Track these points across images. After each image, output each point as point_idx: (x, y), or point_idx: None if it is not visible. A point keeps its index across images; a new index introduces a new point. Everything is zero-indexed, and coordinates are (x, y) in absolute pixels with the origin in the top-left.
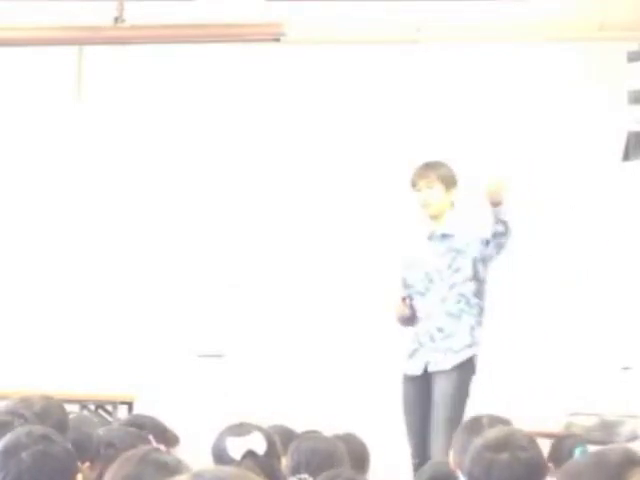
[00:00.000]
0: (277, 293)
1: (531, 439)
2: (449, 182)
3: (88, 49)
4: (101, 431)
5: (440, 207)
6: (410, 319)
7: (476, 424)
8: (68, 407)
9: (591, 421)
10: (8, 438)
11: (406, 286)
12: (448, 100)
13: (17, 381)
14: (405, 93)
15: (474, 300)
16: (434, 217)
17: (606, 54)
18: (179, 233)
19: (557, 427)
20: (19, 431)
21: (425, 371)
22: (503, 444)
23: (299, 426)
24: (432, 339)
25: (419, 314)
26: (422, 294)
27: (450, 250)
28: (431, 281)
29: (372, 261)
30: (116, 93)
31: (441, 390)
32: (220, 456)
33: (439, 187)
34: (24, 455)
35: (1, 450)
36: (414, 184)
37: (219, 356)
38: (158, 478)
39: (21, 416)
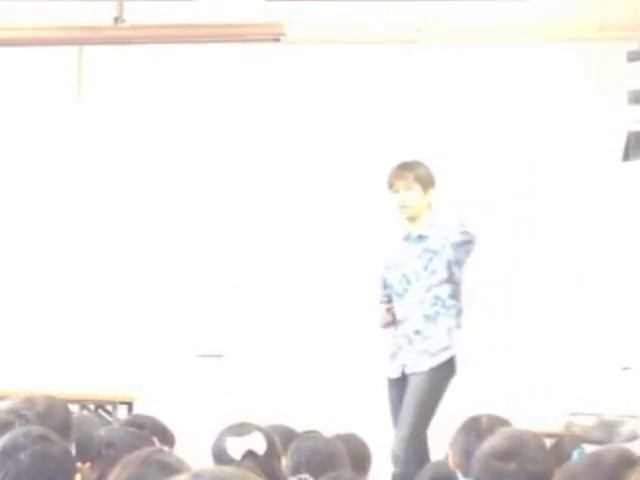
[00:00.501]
0: (277, 293)
1: (541, 447)
2: (427, 183)
3: (88, 49)
4: (102, 431)
5: (418, 209)
6: (391, 324)
7: (475, 424)
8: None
9: (591, 421)
10: (6, 439)
11: (386, 286)
12: (448, 100)
13: (17, 381)
14: (405, 93)
15: (450, 302)
16: (412, 219)
17: (606, 54)
18: (179, 233)
19: (557, 427)
20: (17, 432)
21: (403, 374)
22: (512, 454)
23: (299, 426)
24: (410, 342)
25: (398, 316)
26: (400, 295)
27: (426, 251)
28: (409, 282)
29: (372, 261)
30: (116, 93)
31: (411, 389)
32: (220, 456)
33: (417, 188)
34: (22, 456)
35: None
36: (391, 185)
37: (219, 356)
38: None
39: (23, 416)
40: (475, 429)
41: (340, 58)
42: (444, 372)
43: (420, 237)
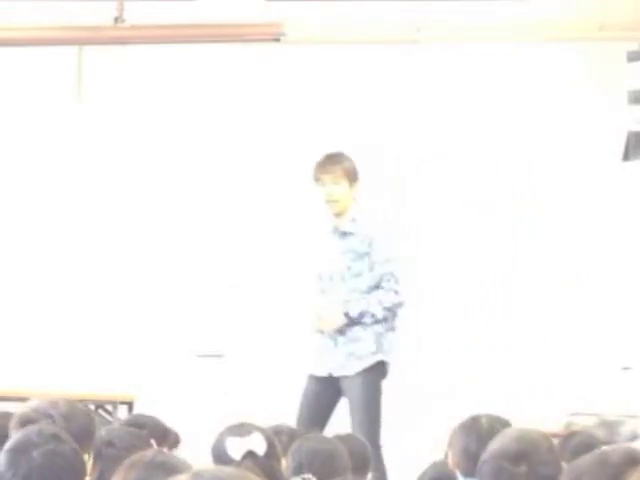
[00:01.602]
0: (277, 293)
1: (551, 449)
2: (353, 177)
3: (88, 49)
4: (102, 431)
5: (345, 203)
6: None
7: (475, 424)
8: None
9: (591, 421)
10: (19, 436)
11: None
12: (448, 100)
13: (17, 381)
14: (405, 93)
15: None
16: (338, 214)
17: (606, 54)
18: (179, 233)
19: (557, 427)
20: (30, 429)
21: (330, 375)
22: (523, 455)
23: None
24: (336, 344)
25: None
26: (324, 291)
27: (349, 251)
28: (331, 280)
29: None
30: (116, 93)
31: (352, 397)
32: (220, 456)
33: (344, 182)
34: (35, 454)
35: (12, 448)
36: (317, 179)
37: (219, 356)
38: None
39: (50, 416)
40: (475, 429)
41: (340, 58)
42: (375, 375)
43: (344, 233)
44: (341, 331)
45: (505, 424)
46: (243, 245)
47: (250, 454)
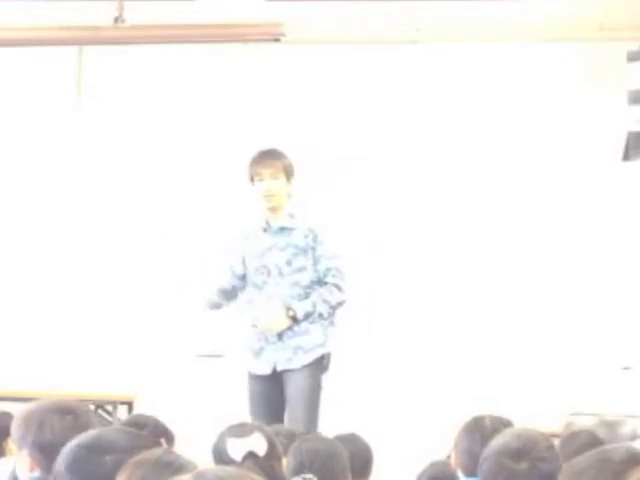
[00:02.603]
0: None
1: (550, 446)
2: (290, 172)
3: (88, 49)
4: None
5: (282, 199)
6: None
7: (479, 425)
8: None
9: (591, 421)
10: (91, 437)
11: (235, 275)
12: (448, 100)
13: (18, 381)
14: (405, 93)
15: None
16: (273, 209)
17: (606, 54)
18: (179, 233)
19: (557, 427)
20: (104, 432)
21: (274, 370)
22: (523, 453)
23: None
24: (280, 338)
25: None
26: (259, 287)
27: (289, 246)
28: (269, 275)
29: (373, 261)
30: (116, 93)
31: (294, 387)
32: (221, 457)
33: (282, 178)
34: (107, 459)
35: (85, 444)
36: (256, 174)
37: (219, 356)
38: None
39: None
40: (479, 429)
41: (340, 58)
42: (319, 368)
43: (282, 229)
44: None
45: (507, 424)
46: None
47: (251, 455)
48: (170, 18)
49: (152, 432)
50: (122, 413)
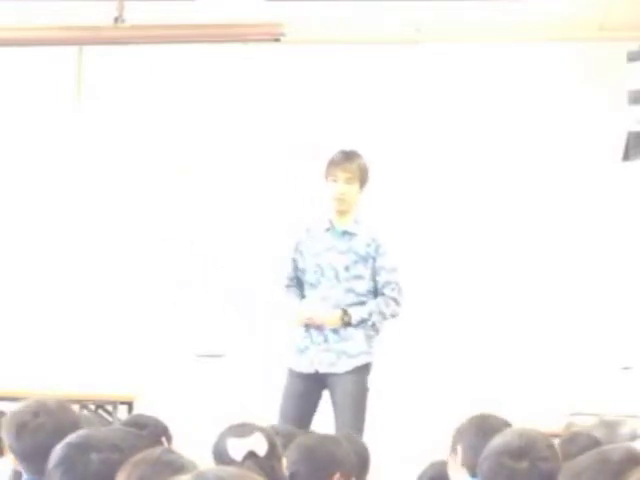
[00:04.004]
0: (277, 293)
1: (550, 446)
2: (365, 179)
3: (88, 49)
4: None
5: (352, 203)
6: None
7: (485, 422)
8: None
9: (591, 421)
10: (79, 436)
11: (297, 269)
12: (448, 100)
13: (18, 381)
14: (405, 93)
15: None
16: (342, 212)
17: (606, 54)
18: (179, 233)
19: (557, 427)
20: (92, 432)
21: (316, 371)
22: (524, 452)
23: None
24: (326, 340)
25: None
26: (313, 286)
27: (350, 251)
28: (322, 275)
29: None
30: (116, 93)
31: (342, 392)
32: (221, 457)
33: (356, 183)
34: (94, 457)
35: (73, 443)
36: (332, 175)
37: (219, 356)
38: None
39: (37, 413)
40: (484, 427)
41: (340, 58)
42: (364, 374)
43: (345, 232)
44: (335, 329)
45: (507, 425)
46: (243, 246)
47: (251, 454)
48: (170, 18)
49: (152, 432)
50: (122, 413)
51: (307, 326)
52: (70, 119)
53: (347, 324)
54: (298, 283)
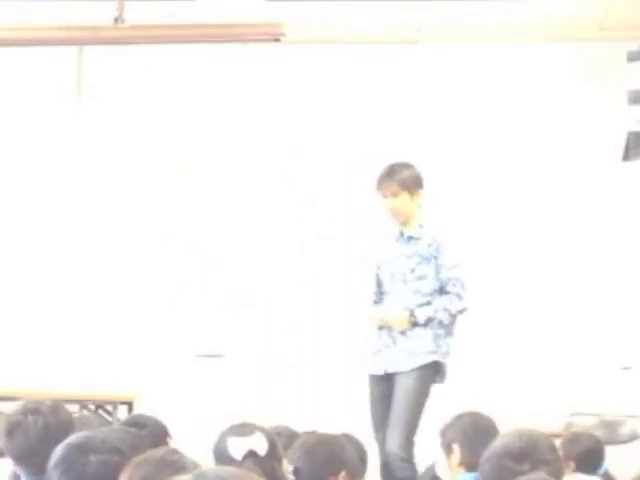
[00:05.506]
0: (277, 293)
1: (552, 448)
2: (413, 186)
3: (88, 49)
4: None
5: (407, 213)
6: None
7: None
8: (68, 407)
9: (591, 421)
10: (82, 435)
11: (379, 284)
12: (448, 100)
13: (18, 381)
14: (405, 93)
15: None
16: (403, 223)
17: (606, 54)
18: (179, 233)
19: (557, 427)
20: (93, 433)
21: (386, 372)
22: (526, 454)
23: (298, 426)
24: (394, 341)
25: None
26: (387, 294)
27: (415, 254)
28: (394, 282)
29: (368, 260)
30: (116, 93)
31: (400, 388)
32: (221, 456)
33: (403, 194)
34: (92, 458)
35: (73, 444)
36: (379, 191)
37: (219, 356)
38: None
39: (33, 412)
40: (478, 425)
41: (340, 58)
42: (429, 373)
43: (410, 238)
44: (402, 331)
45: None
46: (243, 246)
47: (251, 454)
48: (170, 18)
49: (151, 432)
50: (122, 413)
51: (380, 329)
52: (70, 119)
53: (414, 324)
54: (382, 298)
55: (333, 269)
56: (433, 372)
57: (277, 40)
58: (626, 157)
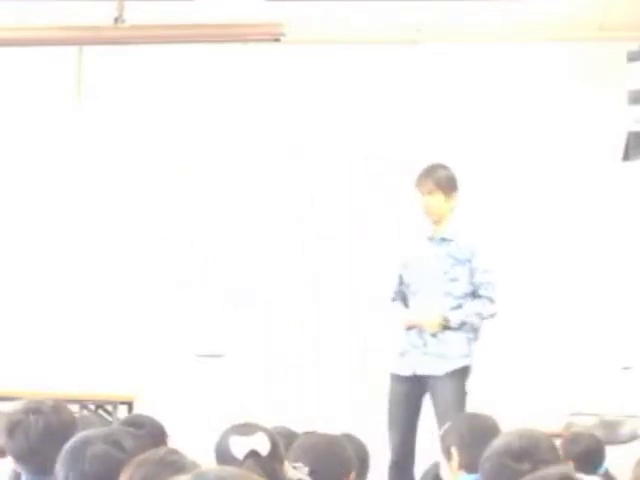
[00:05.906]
0: (277, 293)
1: (552, 447)
2: (449, 188)
3: (88, 49)
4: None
5: (440, 213)
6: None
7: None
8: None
9: (591, 421)
10: (85, 433)
11: (401, 284)
12: (448, 100)
13: (18, 381)
14: (405, 93)
15: None
16: (436, 222)
17: (606, 54)
18: (179, 233)
19: (557, 427)
20: (90, 431)
21: (414, 374)
22: (526, 454)
23: (299, 426)
24: (425, 343)
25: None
26: (414, 294)
27: (449, 256)
28: (423, 282)
29: (373, 261)
30: (116, 93)
31: (442, 395)
32: (223, 456)
33: (438, 194)
34: (89, 452)
35: (77, 441)
36: (417, 189)
37: (219, 356)
38: None
39: (36, 411)
40: (475, 426)
41: (340, 58)
42: (463, 377)
43: (443, 239)
44: (434, 333)
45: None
46: (243, 246)
47: (253, 454)
48: (170, 18)
49: (149, 432)
50: (122, 413)
51: (408, 330)
52: (70, 119)
53: (446, 328)
54: (402, 296)
55: (333, 269)
56: (464, 376)
57: (277, 40)
58: (626, 157)
